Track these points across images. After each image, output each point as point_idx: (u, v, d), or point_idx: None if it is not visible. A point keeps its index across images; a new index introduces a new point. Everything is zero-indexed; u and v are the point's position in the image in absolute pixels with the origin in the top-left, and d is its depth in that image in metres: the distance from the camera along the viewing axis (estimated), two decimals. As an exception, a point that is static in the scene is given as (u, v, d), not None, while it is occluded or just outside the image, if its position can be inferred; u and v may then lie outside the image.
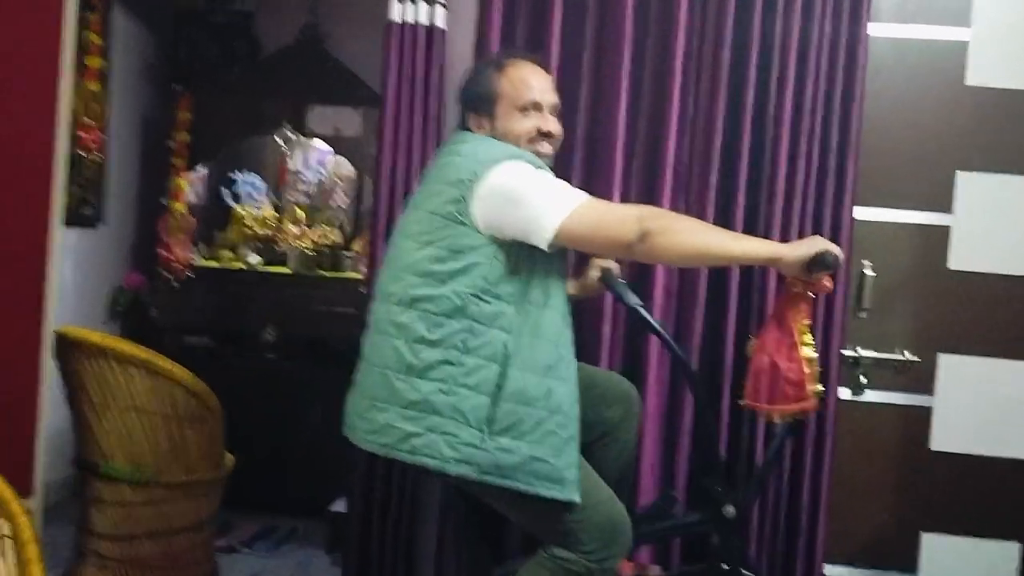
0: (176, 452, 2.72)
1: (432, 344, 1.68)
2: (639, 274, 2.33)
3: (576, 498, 1.66)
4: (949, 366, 2.46)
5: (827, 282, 1.70)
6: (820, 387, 1.77)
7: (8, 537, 1.61)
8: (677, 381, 2.37)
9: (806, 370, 1.73)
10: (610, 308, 2.36)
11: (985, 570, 2.47)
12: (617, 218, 1.66)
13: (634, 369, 2.34)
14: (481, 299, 1.68)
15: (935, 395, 2.47)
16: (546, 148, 1.85)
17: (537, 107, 1.84)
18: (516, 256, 1.70)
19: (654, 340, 2.33)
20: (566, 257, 1.83)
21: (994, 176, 2.43)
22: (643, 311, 1.89)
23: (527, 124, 1.82)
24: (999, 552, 2.47)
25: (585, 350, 2.31)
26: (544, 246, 1.66)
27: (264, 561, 3.18)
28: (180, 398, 2.69)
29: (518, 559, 1.94)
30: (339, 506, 3.11)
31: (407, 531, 2.45)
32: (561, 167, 2.32)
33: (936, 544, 2.48)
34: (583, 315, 2.32)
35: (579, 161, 2.38)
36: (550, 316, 1.72)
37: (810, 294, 1.75)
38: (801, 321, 1.75)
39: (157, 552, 2.73)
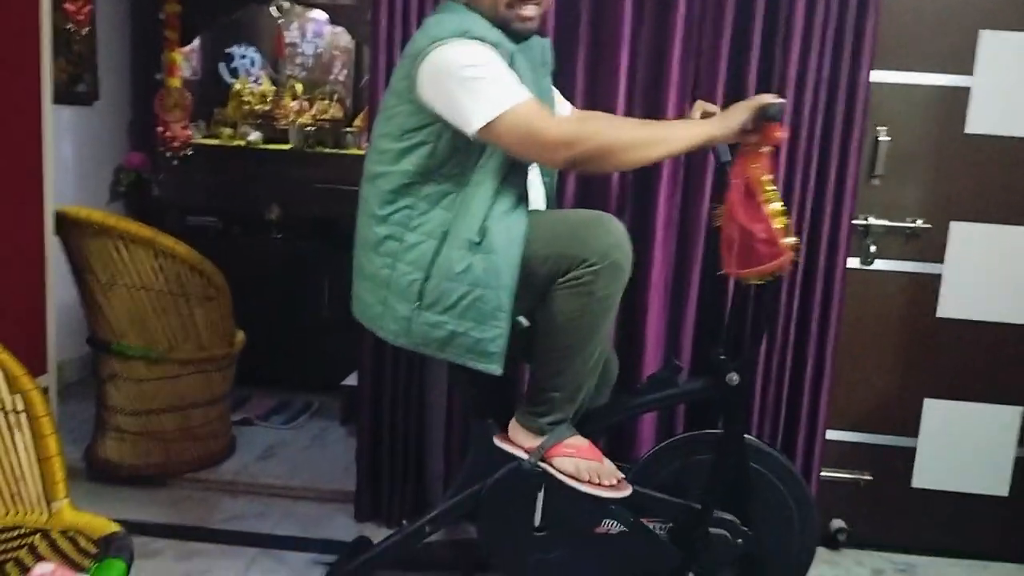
0: (187, 329, 2.76)
1: (381, 220, 1.76)
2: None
3: (497, 371, 1.71)
4: (960, 233, 2.43)
5: (778, 133, 1.68)
6: (793, 239, 1.73)
7: (22, 412, 1.64)
8: (683, 252, 2.35)
9: (776, 226, 1.71)
10: (617, 174, 2.30)
11: (985, 433, 2.52)
12: (544, 141, 1.60)
13: (641, 240, 2.32)
14: (427, 178, 1.72)
15: (945, 263, 2.45)
16: (529, 11, 1.75)
17: None
18: (462, 138, 1.68)
19: (661, 211, 2.29)
20: None
21: (1020, 35, 2.32)
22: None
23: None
24: (1000, 416, 2.51)
25: (592, 200, 2.31)
26: (470, 137, 1.65)
27: (281, 433, 3.26)
28: (187, 277, 2.71)
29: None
30: (352, 380, 3.17)
31: (417, 400, 2.50)
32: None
33: (938, 409, 2.52)
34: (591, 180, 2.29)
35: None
36: (485, 194, 1.70)
37: (764, 150, 1.71)
38: (760, 178, 1.72)
39: (174, 425, 2.81)
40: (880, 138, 2.38)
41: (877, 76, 2.31)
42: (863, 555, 2.56)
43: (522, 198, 1.76)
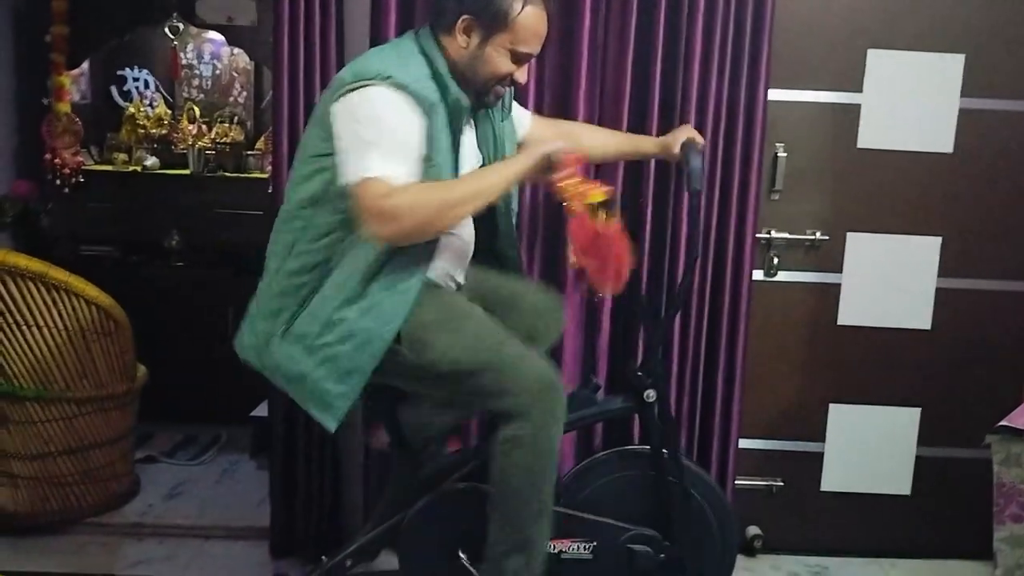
0: (84, 367, 2.63)
1: (273, 240, 1.78)
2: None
3: (332, 427, 1.71)
4: (857, 244, 2.53)
5: (568, 162, 1.71)
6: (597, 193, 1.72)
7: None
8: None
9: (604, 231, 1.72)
10: (530, 196, 2.31)
11: (887, 435, 2.62)
12: (373, 215, 1.57)
13: (554, 263, 2.33)
14: (321, 207, 1.69)
15: (843, 272, 2.55)
16: (501, 92, 1.80)
17: (528, 59, 1.76)
18: None
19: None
20: None
21: (904, 54, 2.44)
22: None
23: (509, 69, 1.73)
24: (900, 418, 2.62)
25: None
26: (343, 184, 1.63)
27: (187, 469, 3.14)
28: (82, 311, 2.58)
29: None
30: (261, 411, 3.07)
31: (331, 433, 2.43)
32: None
33: (843, 413, 2.61)
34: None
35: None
36: (367, 248, 1.67)
37: (565, 182, 1.72)
38: (573, 190, 1.72)
39: (73, 468, 2.66)
40: (779, 154, 2.46)
41: (774, 95, 2.39)
42: (779, 559, 2.63)
43: (419, 265, 1.71)
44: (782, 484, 2.62)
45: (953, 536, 2.64)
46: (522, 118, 2.04)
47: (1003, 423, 1.83)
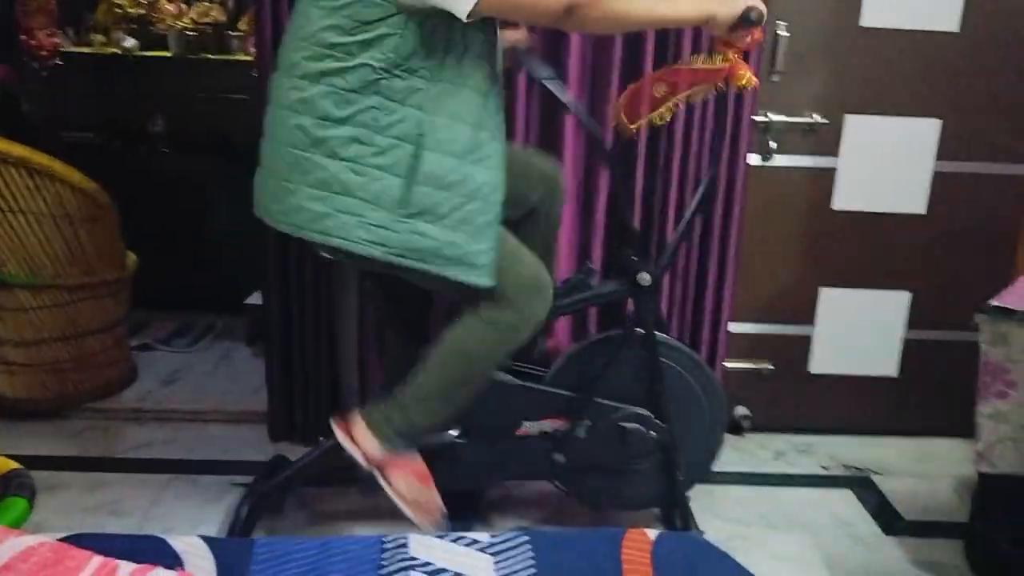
0: (73, 253, 2.60)
1: (340, 122, 1.58)
2: (552, 43, 2.22)
3: (487, 282, 1.68)
4: (854, 126, 2.49)
5: (757, 34, 1.69)
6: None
7: None
8: (593, 157, 2.33)
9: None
10: (523, 84, 2.25)
11: (876, 318, 2.65)
12: None
13: (549, 146, 2.29)
14: (392, 74, 1.56)
15: (840, 156, 2.52)
16: None
17: None
18: (430, 29, 1.56)
19: (568, 120, 2.26)
20: (487, 34, 1.67)
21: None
22: (554, 84, 1.81)
23: None
24: (890, 300, 2.64)
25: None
26: (463, 16, 1.52)
27: (184, 356, 3.16)
28: (67, 197, 2.54)
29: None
30: (255, 299, 3.08)
31: (327, 317, 2.44)
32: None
33: (833, 297, 2.63)
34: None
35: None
36: (468, 96, 1.62)
37: (736, 54, 1.73)
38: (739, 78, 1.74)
39: (67, 355, 2.68)
40: (779, 32, 2.39)
41: (776, -31, 2.30)
42: (765, 438, 2.70)
43: (499, 110, 1.70)
44: (771, 367, 2.67)
45: (938, 416, 2.70)
46: None
47: (992, 302, 1.84)
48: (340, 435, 1.83)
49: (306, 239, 1.66)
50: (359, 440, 1.80)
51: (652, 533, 1.40)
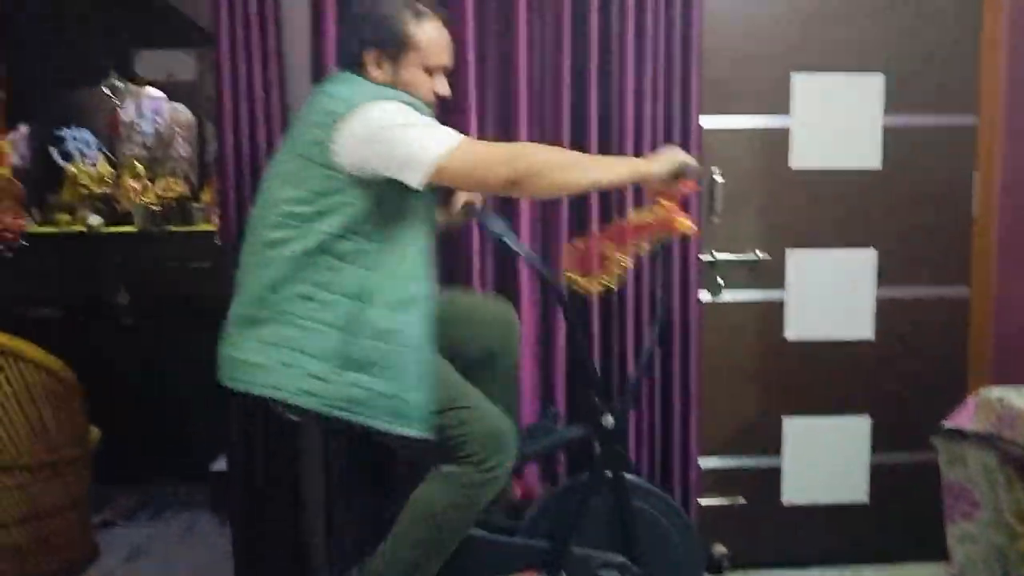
0: (35, 432, 2.57)
1: (289, 280, 1.69)
2: (504, 201, 2.33)
3: (423, 434, 1.70)
4: (796, 260, 2.61)
5: (690, 184, 1.82)
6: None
7: None
8: (549, 302, 2.40)
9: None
10: (479, 236, 2.35)
11: (841, 443, 2.68)
12: (489, 162, 1.66)
13: (507, 294, 2.36)
14: (343, 238, 1.68)
15: (786, 288, 2.62)
16: (441, 88, 1.84)
17: (442, 71, 1.82)
18: (381, 196, 1.69)
19: (525, 265, 2.34)
20: (434, 194, 1.80)
21: (826, 76, 2.54)
22: (508, 239, 1.90)
23: (428, 85, 1.79)
24: (852, 426, 2.68)
25: (457, 277, 2.32)
26: (417, 185, 1.65)
27: (148, 531, 3.07)
28: (31, 376, 2.53)
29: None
30: (220, 465, 3.03)
31: (292, 482, 2.42)
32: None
33: (797, 426, 2.67)
34: (455, 243, 2.31)
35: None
36: (410, 253, 1.72)
37: (670, 203, 1.84)
38: (674, 225, 1.84)
39: (28, 537, 2.59)
40: (716, 178, 2.54)
41: (707, 121, 2.47)
42: (746, 576, 2.66)
43: (429, 267, 1.78)
44: (744, 501, 2.66)
45: (911, 540, 2.69)
46: None
47: (945, 424, 1.89)
48: None
49: (246, 392, 1.71)
50: None
51: None
